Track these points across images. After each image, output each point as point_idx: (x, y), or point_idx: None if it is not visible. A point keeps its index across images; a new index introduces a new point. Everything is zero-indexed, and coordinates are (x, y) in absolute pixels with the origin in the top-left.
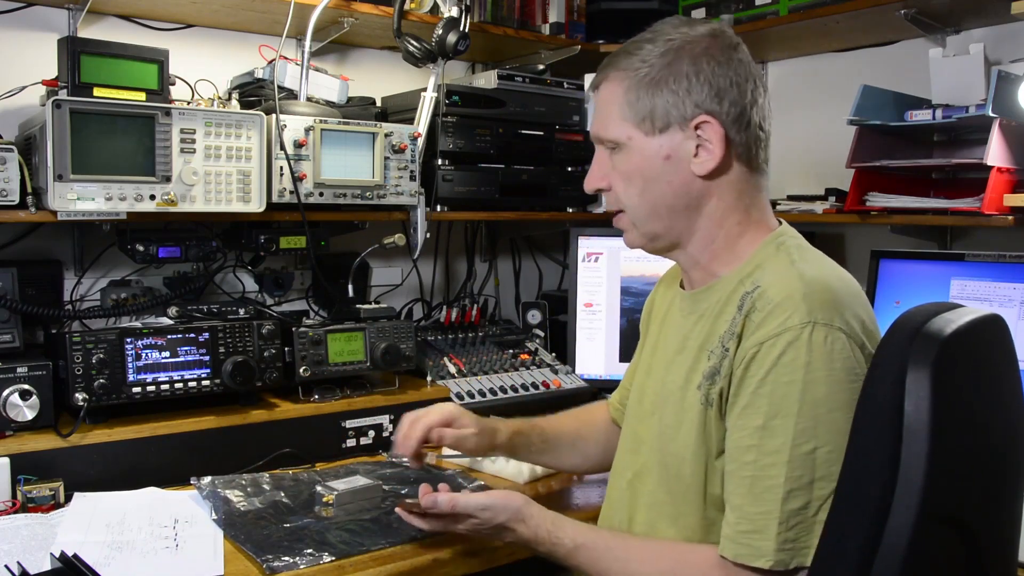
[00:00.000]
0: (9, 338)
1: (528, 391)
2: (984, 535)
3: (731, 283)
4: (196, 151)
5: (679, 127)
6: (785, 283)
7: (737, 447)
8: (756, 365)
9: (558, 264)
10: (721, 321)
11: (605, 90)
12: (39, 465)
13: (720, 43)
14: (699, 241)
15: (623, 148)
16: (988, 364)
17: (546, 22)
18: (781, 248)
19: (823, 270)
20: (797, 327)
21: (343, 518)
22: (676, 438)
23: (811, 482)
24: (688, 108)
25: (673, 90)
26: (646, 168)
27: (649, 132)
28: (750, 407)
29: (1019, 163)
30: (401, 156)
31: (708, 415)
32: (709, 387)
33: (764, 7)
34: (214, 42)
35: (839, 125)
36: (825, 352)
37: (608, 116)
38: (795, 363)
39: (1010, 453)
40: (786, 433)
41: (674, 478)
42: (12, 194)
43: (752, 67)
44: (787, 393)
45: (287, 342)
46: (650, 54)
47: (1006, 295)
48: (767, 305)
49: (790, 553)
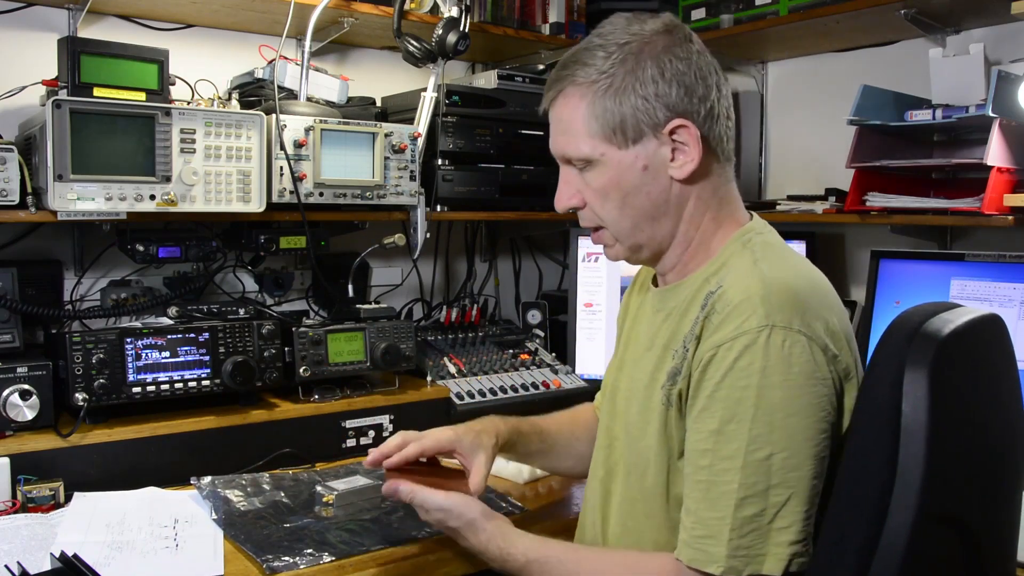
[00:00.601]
0: (9, 338)
1: (528, 391)
2: (983, 535)
3: (697, 281)
4: (196, 151)
5: (653, 135)
6: (744, 284)
7: (693, 450)
8: (713, 368)
9: (558, 264)
10: (686, 320)
11: (563, 106)
12: (39, 465)
13: (676, 38)
14: (679, 244)
15: (595, 164)
16: (986, 364)
17: (546, 22)
18: (747, 246)
19: (786, 270)
20: (754, 330)
21: (343, 518)
22: (642, 438)
23: (766, 489)
24: (660, 114)
25: (642, 95)
26: (623, 181)
27: (622, 144)
28: (706, 411)
29: (1019, 163)
30: (401, 156)
31: (669, 415)
32: (670, 387)
33: (764, 7)
34: (214, 42)
35: (839, 125)
36: (783, 356)
37: (573, 133)
38: (751, 367)
39: (1008, 453)
40: (740, 439)
41: (640, 477)
42: (12, 194)
43: (708, 55)
44: (742, 398)
45: (287, 342)
46: (608, 61)
47: (1006, 295)
48: (725, 307)
49: (743, 560)
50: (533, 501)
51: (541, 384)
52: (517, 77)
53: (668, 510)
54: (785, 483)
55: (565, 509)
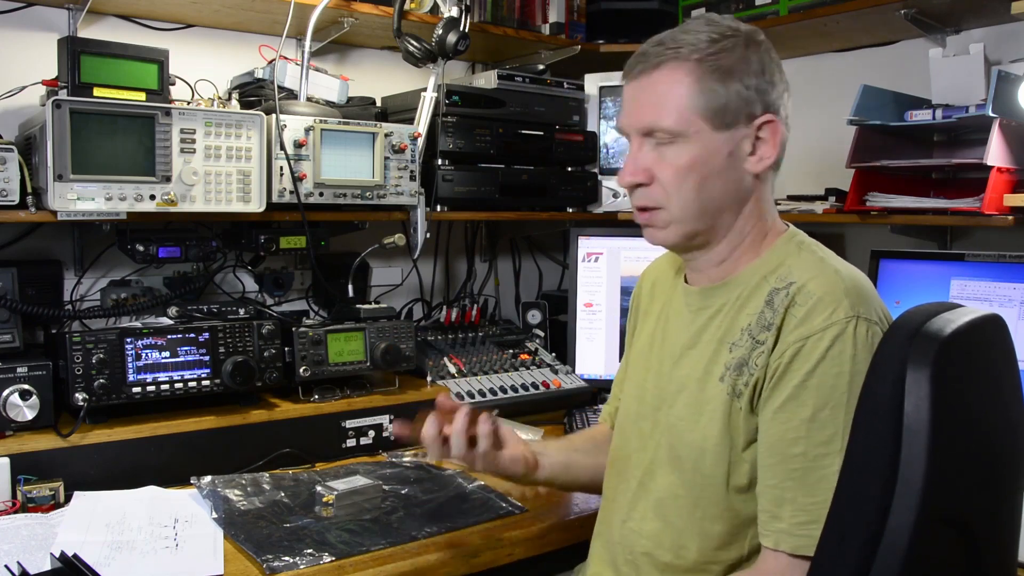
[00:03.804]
0: (9, 338)
1: (528, 391)
2: (984, 535)
3: (752, 279)
4: (196, 151)
5: (745, 124)
6: (824, 278)
7: (781, 440)
8: (802, 359)
9: (558, 264)
10: (743, 315)
11: (662, 78)
12: (39, 465)
13: (768, 41)
14: (731, 240)
15: (683, 139)
16: (988, 364)
17: (546, 22)
18: (803, 247)
19: (849, 267)
20: (843, 320)
21: (343, 518)
22: (694, 429)
23: None
24: (757, 105)
25: (746, 84)
26: (708, 163)
27: (718, 126)
28: (794, 399)
29: (1019, 163)
30: (401, 156)
31: (734, 406)
32: (736, 378)
33: (764, 7)
34: (214, 42)
35: (839, 125)
36: (868, 345)
37: (669, 105)
38: (843, 355)
39: (1009, 453)
40: (836, 423)
41: (691, 470)
42: (12, 194)
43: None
44: (836, 384)
45: (287, 342)
46: (716, 44)
47: (1006, 295)
48: (808, 299)
49: None
50: (533, 501)
51: (541, 384)
52: (517, 77)
53: (728, 499)
54: None
55: (565, 509)
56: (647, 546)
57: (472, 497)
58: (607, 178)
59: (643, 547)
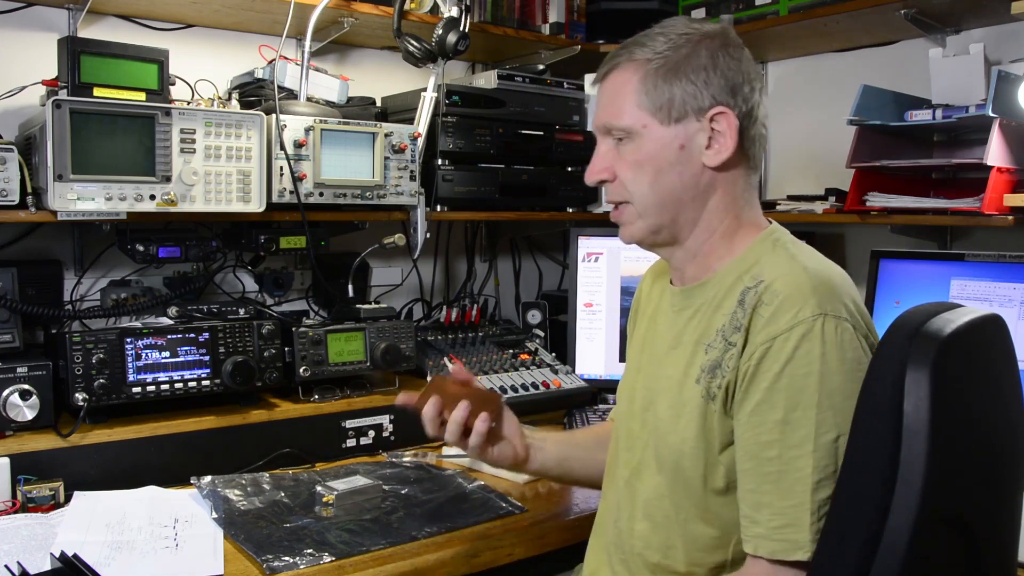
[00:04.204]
0: (9, 338)
1: (528, 391)
2: (984, 535)
3: (728, 278)
4: (196, 151)
5: (695, 117)
6: (791, 276)
7: (755, 443)
8: (770, 360)
9: (558, 264)
10: (719, 315)
11: (616, 78)
12: (39, 465)
13: (732, 41)
14: (698, 235)
15: (635, 137)
16: (987, 364)
17: (546, 22)
18: (777, 244)
19: (821, 264)
20: (809, 319)
21: (343, 518)
22: (673, 431)
23: (835, 471)
24: (705, 99)
25: (692, 80)
26: (660, 157)
27: (665, 121)
28: (766, 402)
29: (1019, 163)
30: (401, 156)
31: (709, 408)
32: (710, 381)
33: (764, 7)
34: (214, 42)
35: (839, 125)
36: (837, 343)
37: (621, 104)
38: (811, 355)
39: (1009, 453)
40: (808, 424)
41: (672, 471)
42: (12, 194)
43: (756, 67)
44: (805, 385)
45: (287, 342)
46: (667, 44)
47: (1006, 295)
48: (774, 298)
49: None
50: (533, 501)
51: (541, 384)
52: (517, 77)
53: (706, 501)
54: None
55: (565, 509)
56: (638, 546)
57: (472, 497)
58: None
59: (634, 547)
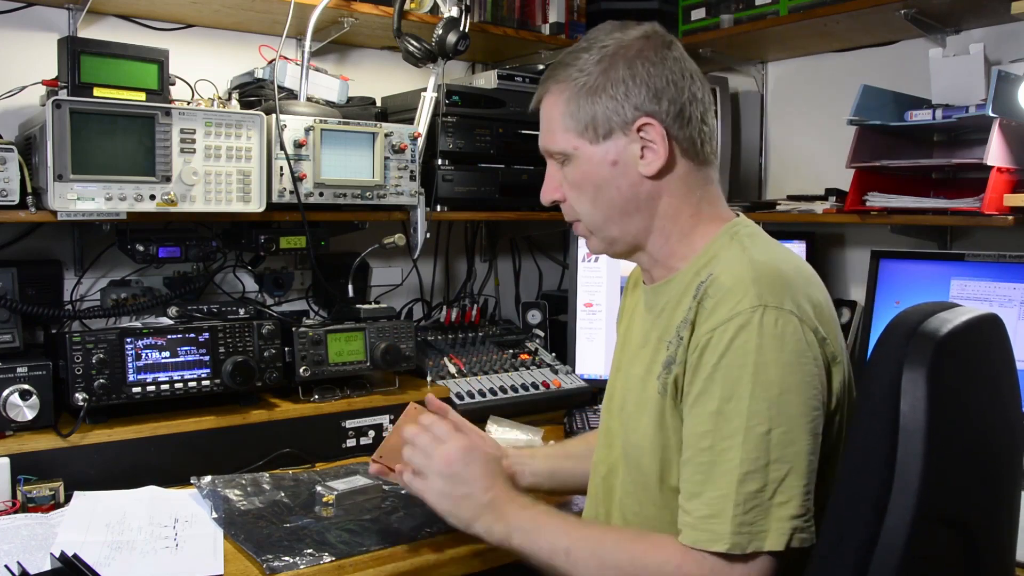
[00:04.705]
0: (9, 338)
1: (528, 391)
2: (981, 535)
3: (687, 275)
4: (196, 151)
5: (622, 132)
6: (735, 269)
7: (693, 434)
8: (709, 351)
9: (558, 264)
10: (678, 312)
11: (547, 103)
12: (39, 465)
13: (653, 44)
14: (656, 240)
15: (571, 159)
16: (985, 364)
17: (546, 22)
18: (735, 238)
19: (773, 255)
20: (748, 311)
21: (343, 518)
22: (637, 429)
23: (766, 464)
24: (628, 112)
25: (611, 95)
26: (594, 175)
27: (593, 140)
28: (704, 393)
29: (1019, 163)
30: (401, 156)
31: (665, 404)
32: (666, 376)
33: (764, 7)
34: (214, 42)
35: (839, 125)
36: (776, 335)
37: (552, 128)
38: (746, 346)
39: (1007, 453)
40: (740, 416)
41: (635, 469)
42: (12, 194)
43: (688, 63)
44: (740, 376)
45: (287, 342)
46: (586, 63)
47: (1006, 295)
48: (718, 291)
49: (747, 537)
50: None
51: (541, 384)
52: (517, 77)
53: (663, 499)
54: (783, 458)
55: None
56: None
57: None
58: None
59: None
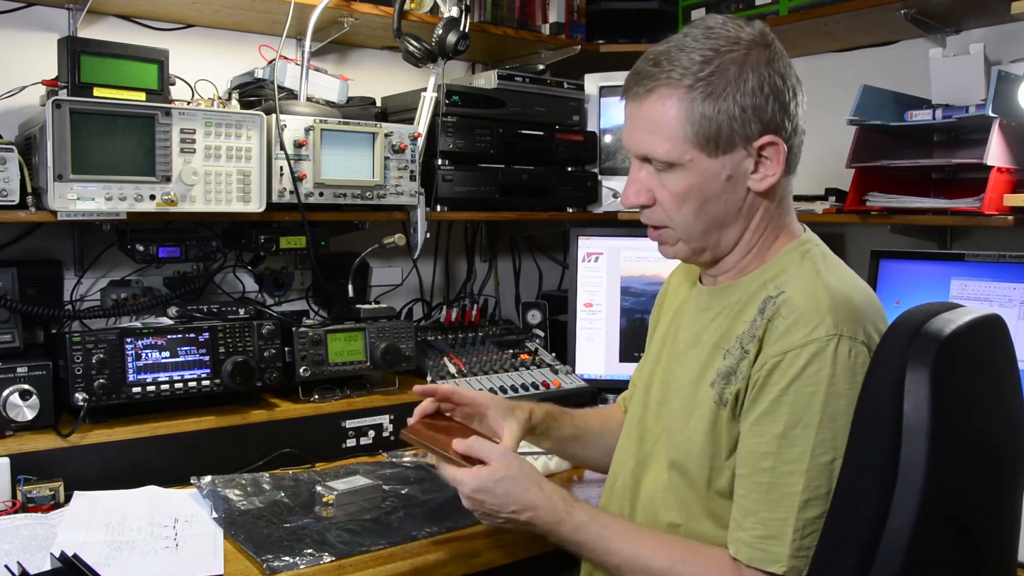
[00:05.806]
0: (9, 338)
1: (528, 391)
2: (984, 535)
3: (753, 284)
4: (196, 151)
5: (743, 147)
6: (811, 292)
7: (754, 452)
8: (779, 373)
9: (558, 264)
10: (740, 321)
11: (655, 105)
12: (39, 465)
13: (775, 51)
14: (740, 250)
15: (679, 168)
16: (987, 364)
17: (546, 22)
18: (806, 256)
19: (847, 282)
20: (823, 339)
21: (343, 518)
22: (683, 430)
23: (828, 492)
24: (754, 127)
25: (740, 107)
26: (705, 188)
27: (712, 153)
28: (770, 414)
29: (1019, 163)
30: (401, 156)
31: (720, 414)
32: (724, 386)
33: (764, 7)
34: (214, 42)
35: (839, 125)
36: (848, 366)
37: (662, 134)
38: (819, 374)
39: (1009, 453)
40: (806, 442)
41: (679, 468)
42: (12, 194)
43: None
44: (810, 403)
45: (287, 342)
46: (707, 66)
47: (1006, 295)
48: (791, 312)
49: (804, 560)
50: None
51: (541, 384)
52: (517, 77)
53: (709, 501)
54: None
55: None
56: None
57: None
58: (607, 178)
59: None
